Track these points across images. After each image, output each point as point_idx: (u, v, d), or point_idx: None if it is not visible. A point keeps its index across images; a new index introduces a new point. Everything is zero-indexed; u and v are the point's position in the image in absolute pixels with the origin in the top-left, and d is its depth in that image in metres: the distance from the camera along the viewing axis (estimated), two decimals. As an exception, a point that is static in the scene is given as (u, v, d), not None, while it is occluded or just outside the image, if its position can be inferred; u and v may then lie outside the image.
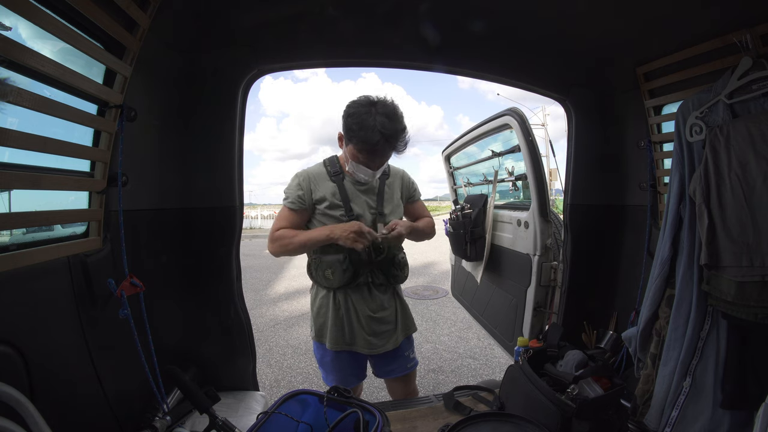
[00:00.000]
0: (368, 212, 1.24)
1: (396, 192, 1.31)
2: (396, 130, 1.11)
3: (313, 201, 1.20)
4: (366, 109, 1.09)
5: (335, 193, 1.21)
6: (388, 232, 1.16)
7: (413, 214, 1.41)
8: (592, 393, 0.88)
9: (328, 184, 1.21)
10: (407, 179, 1.38)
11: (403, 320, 1.32)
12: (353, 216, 1.20)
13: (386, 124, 1.08)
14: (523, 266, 2.03)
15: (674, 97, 1.18)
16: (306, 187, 1.20)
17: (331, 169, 1.24)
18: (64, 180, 0.81)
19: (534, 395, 0.88)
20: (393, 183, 1.32)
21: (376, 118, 1.07)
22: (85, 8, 0.72)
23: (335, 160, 1.27)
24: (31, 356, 0.66)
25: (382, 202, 1.26)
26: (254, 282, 5.82)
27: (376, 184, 1.27)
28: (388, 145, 1.11)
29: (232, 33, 1.10)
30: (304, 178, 1.22)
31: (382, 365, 1.34)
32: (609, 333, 1.39)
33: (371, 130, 1.08)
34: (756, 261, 0.78)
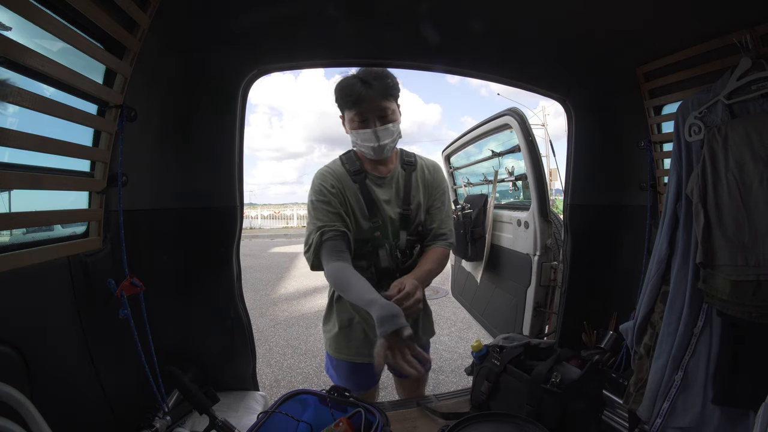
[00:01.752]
0: (393, 212, 1.13)
1: (420, 185, 1.17)
2: (375, 73, 1.04)
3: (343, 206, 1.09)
4: (347, 76, 1.08)
5: (357, 197, 1.11)
6: (400, 296, 0.94)
7: (427, 228, 1.18)
8: (573, 374, 0.89)
9: (351, 186, 1.12)
10: (432, 172, 1.19)
11: (425, 325, 1.27)
12: (378, 223, 1.11)
13: (363, 72, 1.05)
14: (523, 266, 2.04)
15: (674, 97, 1.18)
16: (339, 186, 1.10)
17: (351, 167, 1.13)
18: (64, 180, 0.81)
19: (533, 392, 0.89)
20: (418, 175, 1.17)
21: (354, 75, 1.06)
22: (85, 8, 0.72)
23: (353, 157, 1.16)
24: (31, 356, 0.66)
25: (408, 195, 1.13)
26: (254, 282, 5.82)
27: (399, 176, 1.15)
28: (372, 90, 1.03)
29: (232, 33, 1.10)
30: (330, 175, 1.11)
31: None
32: (609, 333, 1.39)
33: (350, 82, 1.04)
34: (751, 260, 0.79)
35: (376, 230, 1.11)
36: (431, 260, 1.12)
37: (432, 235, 1.17)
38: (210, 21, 1.04)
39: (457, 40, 1.20)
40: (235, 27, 1.07)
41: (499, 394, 0.97)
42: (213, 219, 1.20)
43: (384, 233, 1.12)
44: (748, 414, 0.80)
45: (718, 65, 1.00)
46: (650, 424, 0.94)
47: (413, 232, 1.16)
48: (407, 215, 1.14)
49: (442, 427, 0.84)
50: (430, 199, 1.18)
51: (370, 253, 1.12)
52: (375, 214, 1.11)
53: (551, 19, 1.09)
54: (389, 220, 1.12)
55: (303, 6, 1.03)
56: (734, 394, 0.82)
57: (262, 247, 10.45)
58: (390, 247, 1.12)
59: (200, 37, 1.09)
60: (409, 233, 1.14)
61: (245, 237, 11.76)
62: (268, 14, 1.02)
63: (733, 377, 0.83)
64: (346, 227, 1.07)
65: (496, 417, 0.84)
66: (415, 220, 1.15)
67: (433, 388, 2.48)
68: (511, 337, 1.18)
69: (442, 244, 1.16)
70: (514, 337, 1.19)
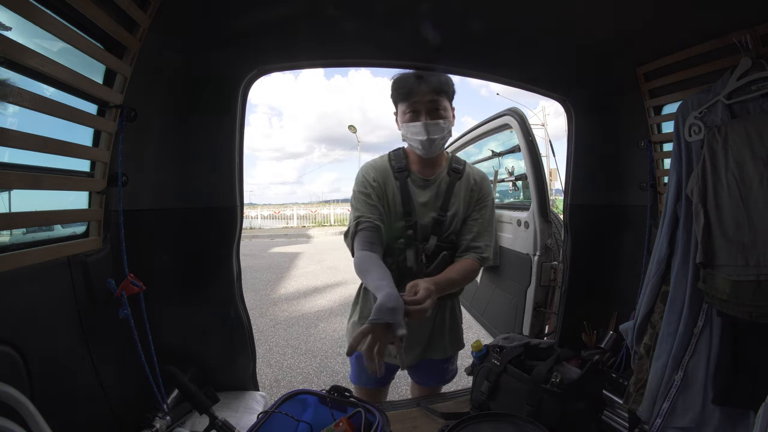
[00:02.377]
0: (429, 216, 1.12)
1: (461, 194, 1.15)
2: (431, 71, 1.07)
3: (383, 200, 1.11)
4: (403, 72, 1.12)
5: (395, 194, 1.11)
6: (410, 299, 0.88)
7: (462, 239, 1.14)
8: (573, 374, 0.90)
9: (392, 182, 1.13)
10: (478, 183, 1.17)
11: (452, 338, 1.25)
12: (410, 223, 1.11)
13: (420, 70, 1.09)
14: (523, 266, 2.03)
15: (674, 97, 1.18)
16: (380, 180, 1.12)
17: (396, 164, 1.14)
18: (64, 180, 0.81)
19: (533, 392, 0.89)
20: (462, 184, 1.16)
21: (411, 72, 1.10)
22: (85, 8, 0.72)
23: (401, 154, 1.17)
24: (31, 356, 0.66)
25: (447, 202, 1.12)
26: (254, 282, 5.82)
27: (443, 181, 1.15)
28: (424, 84, 1.05)
29: (232, 33, 1.10)
30: (374, 169, 1.14)
31: (420, 372, 1.32)
32: (609, 333, 1.39)
33: (405, 76, 1.09)
34: (751, 260, 0.79)
35: (408, 229, 1.11)
36: (456, 270, 1.08)
37: (465, 247, 1.13)
38: (210, 21, 1.04)
39: (457, 40, 1.20)
40: (235, 27, 1.07)
41: (499, 394, 0.97)
42: (213, 219, 1.20)
43: (415, 234, 1.12)
44: (748, 414, 0.80)
45: (718, 65, 1.00)
46: (650, 424, 0.94)
47: (445, 239, 1.13)
48: (442, 221, 1.12)
49: (442, 427, 0.84)
50: (469, 210, 1.16)
51: (399, 251, 1.12)
52: (409, 213, 1.11)
53: (551, 19, 1.09)
54: (422, 223, 1.12)
55: (303, 6, 1.03)
56: (734, 394, 0.82)
57: (262, 247, 10.45)
58: (417, 249, 1.12)
59: (200, 37, 1.09)
60: (441, 239, 1.13)
61: (245, 237, 11.76)
62: (268, 14, 1.02)
63: (733, 377, 0.83)
64: (382, 220, 1.08)
65: (496, 417, 0.84)
66: (449, 228, 1.13)
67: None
68: (511, 337, 1.18)
69: (472, 256, 1.12)
70: (514, 337, 1.19)
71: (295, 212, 19.01)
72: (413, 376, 1.36)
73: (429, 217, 1.13)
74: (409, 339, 1.16)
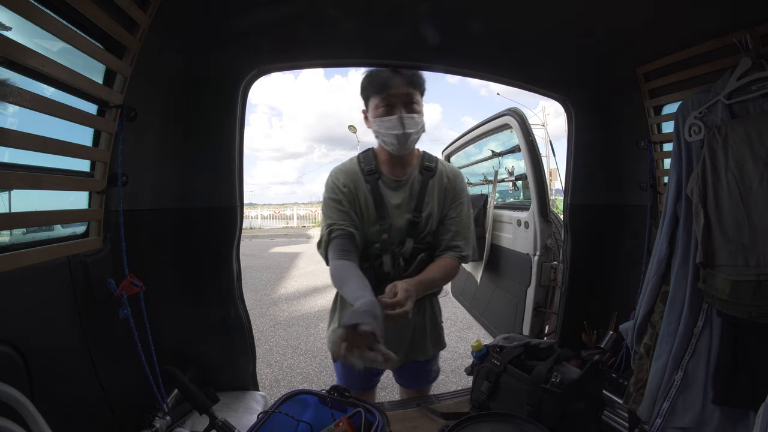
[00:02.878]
0: (403, 218, 1.09)
1: (435, 193, 1.12)
2: (400, 66, 1.04)
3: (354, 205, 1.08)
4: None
5: (367, 198, 1.09)
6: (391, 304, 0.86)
7: (440, 239, 1.12)
8: (573, 374, 0.90)
9: (363, 186, 1.10)
10: (452, 181, 1.14)
11: (433, 338, 1.24)
12: (384, 226, 1.08)
13: (420, 69, 1.07)
14: (523, 266, 2.04)
15: (674, 97, 1.18)
16: (350, 184, 1.09)
17: (366, 167, 1.11)
18: (64, 180, 0.81)
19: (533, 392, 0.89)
20: (435, 182, 1.12)
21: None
22: (85, 8, 0.72)
23: (370, 156, 1.13)
24: (31, 356, 0.66)
25: (421, 202, 1.09)
26: (254, 282, 5.82)
27: (415, 181, 1.11)
28: (399, 77, 1.02)
29: (232, 33, 1.10)
30: (343, 173, 1.11)
31: (404, 374, 1.32)
32: (609, 333, 1.39)
33: (377, 70, 1.06)
34: (751, 260, 0.79)
35: (383, 233, 1.09)
36: (436, 269, 1.07)
37: (444, 246, 1.12)
38: (210, 21, 1.04)
39: (457, 40, 1.20)
40: (235, 27, 1.07)
41: (499, 394, 0.97)
42: (213, 219, 1.20)
43: (390, 237, 1.10)
44: (748, 414, 0.80)
45: (718, 65, 1.00)
46: (650, 424, 0.94)
47: (422, 240, 1.11)
48: (417, 222, 1.10)
49: (442, 427, 0.84)
50: (445, 209, 1.13)
51: (375, 256, 1.10)
52: (383, 217, 1.08)
53: (551, 19, 1.09)
54: (397, 225, 1.10)
55: (303, 6, 1.03)
56: (734, 394, 0.82)
57: (262, 247, 10.45)
58: (394, 253, 1.09)
59: (200, 37, 1.09)
60: (417, 241, 1.10)
61: (245, 237, 11.76)
62: (268, 14, 1.02)
63: (733, 377, 0.83)
64: (355, 227, 1.06)
65: (496, 417, 0.84)
66: (425, 229, 1.11)
67: (433, 389, 2.48)
68: (511, 337, 1.18)
69: (452, 255, 1.10)
70: (514, 337, 1.19)
71: (295, 212, 19.01)
72: (398, 380, 1.35)
73: (404, 219, 1.10)
74: (390, 342, 1.17)
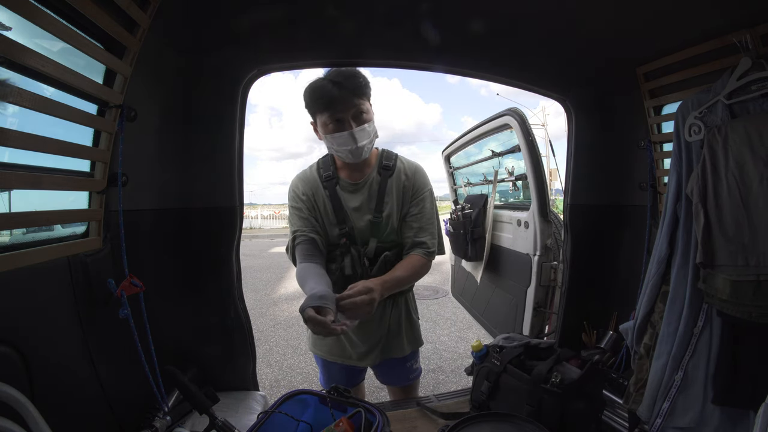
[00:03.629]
0: (364, 219, 1.11)
1: (394, 193, 1.12)
2: (345, 73, 1.01)
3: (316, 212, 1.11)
4: (316, 79, 1.06)
5: (326, 203, 1.11)
6: (342, 297, 0.90)
7: (404, 237, 1.13)
8: (573, 374, 0.90)
9: (321, 192, 1.13)
10: (410, 177, 1.13)
11: (409, 335, 1.25)
12: (345, 231, 1.10)
13: (332, 72, 1.03)
14: (523, 266, 2.04)
15: (674, 97, 1.18)
16: (309, 192, 1.12)
17: (324, 173, 1.13)
18: (64, 180, 0.81)
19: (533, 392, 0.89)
20: (394, 181, 1.13)
21: (323, 77, 1.04)
22: (85, 8, 0.72)
23: (329, 161, 1.15)
24: (31, 356, 0.66)
25: (381, 203, 1.10)
26: (254, 282, 5.82)
27: (373, 182, 1.12)
28: (343, 90, 1.00)
29: (232, 33, 1.10)
30: (302, 182, 1.15)
31: (383, 372, 1.33)
32: (609, 333, 1.39)
33: (320, 84, 1.02)
34: (751, 260, 0.79)
35: (342, 237, 1.11)
36: (403, 267, 1.07)
37: (410, 244, 1.12)
38: (210, 21, 1.04)
39: (457, 40, 1.20)
40: (235, 27, 1.07)
41: (499, 394, 0.97)
42: (213, 219, 1.20)
43: (352, 240, 1.12)
44: (748, 414, 0.80)
45: (718, 65, 1.00)
46: (650, 424, 0.94)
47: (385, 239, 1.13)
48: (378, 223, 1.11)
49: (442, 427, 0.84)
50: (405, 206, 1.13)
51: (339, 259, 1.12)
52: (343, 221, 1.11)
53: (551, 19, 1.09)
54: (358, 227, 1.12)
55: (303, 6, 1.03)
56: (734, 394, 0.82)
57: (262, 247, 10.45)
58: (358, 254, 1.11)
59: (200, 37, 1.09)
60: (380, 241, 1.12)
61: (245, 237, 11.76)
62: (268, 14, 1.02)
63: (733, 377, 0.83)
64: (317, 232, 1.10)
65: (496, 417, 0.84)
66: (386, 228, 1.12)
67: (433, 388, 2.48)
68: (511, 337, 1.18)
69: (418, 252, 1.11)
70: (514, 337, 1.19)
71: (295, 212, 18.97)
72: (378, 377, 1.37)
73: (364, 220, 1.11)
74: (365, 339, 1.20)
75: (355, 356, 1.22)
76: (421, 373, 1.38)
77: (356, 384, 1.37)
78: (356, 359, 1.22)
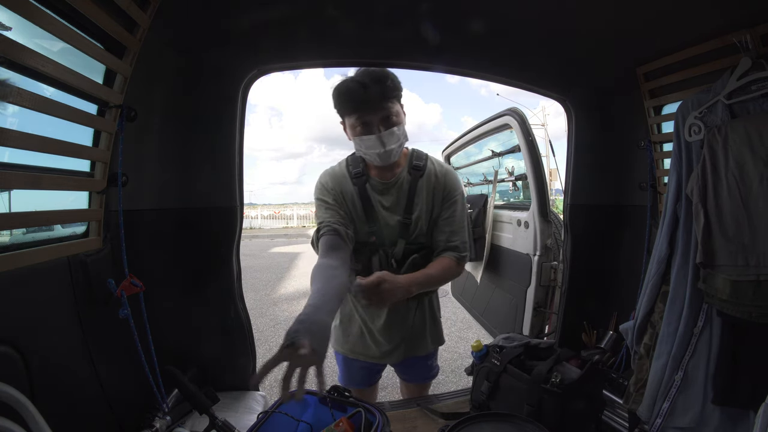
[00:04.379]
0: (393, 219, 1.08)
1: (424, 194, 1.09)
2: (374, 74, 0.97)
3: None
4: (344, 79, 1.02)
5: (355, 200, 1.08)
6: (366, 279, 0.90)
7: (436, 240, 1.11)
8: (573, 374, 0.90)
9: (350, 189, 1.09)
10: (441, 179, 1.10)
11: (432, 332, 1.26)
12: (373, 229, 1.07)
13: (361, 73, 0.99)
14: (523, 266, 2.04)
15: (674, 97, 1.18)
16: (337, 188, 1.08)
17: (353, 170, 1.10)
18: (64, 180, 0.81)
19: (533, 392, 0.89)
20: (424, 182, 1.10)
21: (352, 78, 1.00)
22: (85, 8, 0.72)
23: (358, 159, 1.11)
24: (31, 356, 0.66)
25: (411, 204, 1.07)
26: (254, 282, 5.82)
27: (404, 182, 1.09)
28: (372, 93, 0.96)
29: (232, 33, 1.10)
30: (330, 177, 1.11)
31: (403, 370, 1.34)
32: (609, 333, 1.39)
33: (348, 86, 0.98)
34: (751, 260, 0.79)
35: (371, 235, 1.09)
36: (434, 267, 1.06)
37: (442, 247, 1.10)
38: (210, 21, 1.04)
39: (457, 40, 1.20)
40: (235, 27, 1.07)
41: (499, 394, 0.97)
42: (213, 219, 1.20)
43: (380, 239, 1.09)
44: (748, 414, 0.80)
45: (718, 65, 0.99)
46: (650, 424, 0.94)
47: (413, 241, 1.10)
48: (407, 224, 1.09)
49: (442, 427, 0.84)
50: (437, 209, 1.11)
51: (366, 258, 1.10)
52: (372, 219, 1.08)
53: (551, 19, 1.09)
54: (387, 227, 1.09)
55: (303, 6, 1.03)
56: (734, 394, 0.82)
57: (262, 247, 10.45)
58: (386, 255, 1.09)
59: (200, 37, 1.09)
60: (408, 242, 1.10)
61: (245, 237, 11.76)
62: (267, 14, 1.02)
63: (733, 377, 0.83)
64: (342, 223, 1.04)
65: (496, 417, 0.84)
66: (416, 230, 1.10)
67: (433, 388, 2.48)
68: (511, 337, 1.18)
69: (450, 255, 1.09)
70: (514, 337, 1.19)
71: (295, 212, 19.00)
72: (400, 374, 1.37)
73: (394, 220, 1.09)
74: (390, 337, 1.20)
75: (378, 353, 1.21)
76: (439, 371, 1.38)
77: (374, 383, 1.37)
78: (379, 356, 1.22)
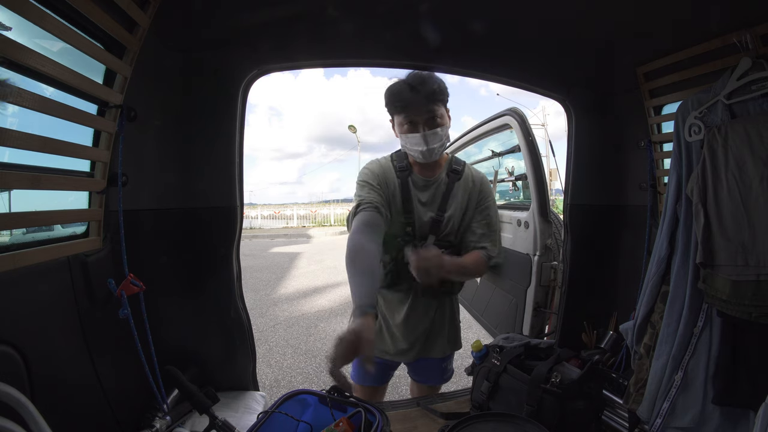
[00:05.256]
0: (427, 215, 1.14)
1: (459, 196, 1.17)
2: (423, 78, 1.06)
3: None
4: (396, 81, 1.10)
5: (396, 191, 1.14)
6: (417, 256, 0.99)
7: (467, 241, 1.17)
8: (573, 374, 0.90)
9: (393, 179, 1.15)
10: (476, 185, 1.19)
11: (450, 335, 1.28)
12: (410, 220, 1.13)
13: (411, 76, 1.07)
14: (523, 266, 2.03)
15: (674, 97, 1.18)
16: (381, 175, 1.13)
17: (398, 163, 1.17)
18: (64, 180, 0.81)
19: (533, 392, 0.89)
20: (461, 185, 1.18)
21: (403, 81, 1.08)
22: (85, 8, 0.72)
23: (403, 155, 1.19)
24: (31, 356, 0.66)
25: (445, 203, 1.15)
26: (254, 282, 5.82)
27: (442, 182, 1.17)
28: (419, 95, 1.05)
29: (232, 33, 1.10)
30: (377, 164, 1.17)
31: (417, 370, 1.34)
32: (609, 333, 1.39)
33: (398, 87, 1.07)
34: (751, 260, 0.79)
35: (408, 226, 1.14)
36: (467, 258, 1.13)
37: (471, 248, 1.15)
38: (210, 21, 1.05)
39: (457, 40, 1.20)
40: (235, 27, 1.07)
41: (499, 394, 0.97)
42: (213, 219, 1.20)
43: (414, 231, 1.14)
44: (748, 414, 0.80)
45: (718, 65, 1.00)
46: (650, 424, 0.94)
47: (442, 239, 1.15)
48: (439, 221, 1.14)
49: (442, 427, 0.84)
50: (470, 212, 1.17)
51: (397, 248, 1.13)
52: (409, 212, 1.14)
53: (551, 19, 1.09)
54: (421, 221, 1.14)
55: (303, 6, 1.03)
56: (734, 394, 0.82)
57: (262, 247, 10.45)
58: (416, 247, 1.12)
59: (200, 37, 1.09)
60: (438, 239, 1.15)
61: (245, 237, 11.76)
62: (267, 14, 1.02)
63: (733, 377, 0.83)
64: (383, 205, 1.08)
65: (496, 417, 0.84)
66: (446, 228, 1.15)
67: (433, 388, 2.48)
68: (511, 337, 1.18)
69: (481, 253, 1.14)
70: (514, 337, 1.19)
71: (295, 212, 19.01)
72: (412, 375, 1.37)
73: (427, 216, 1.14)
74: (406, 336, 1.20)
75: (393, 351, 1.23)
76: (452, 374, 1.38)
77: (386, 381, 1.37)
78: (394, 354, 1.23)
